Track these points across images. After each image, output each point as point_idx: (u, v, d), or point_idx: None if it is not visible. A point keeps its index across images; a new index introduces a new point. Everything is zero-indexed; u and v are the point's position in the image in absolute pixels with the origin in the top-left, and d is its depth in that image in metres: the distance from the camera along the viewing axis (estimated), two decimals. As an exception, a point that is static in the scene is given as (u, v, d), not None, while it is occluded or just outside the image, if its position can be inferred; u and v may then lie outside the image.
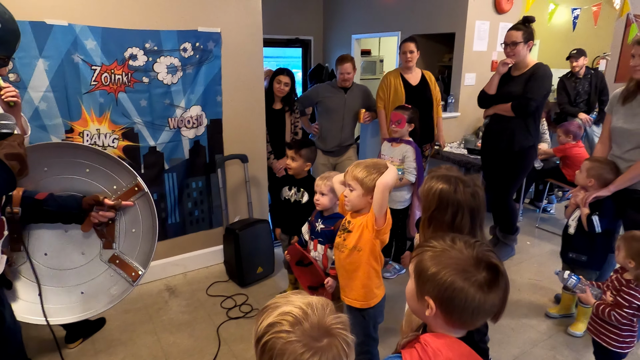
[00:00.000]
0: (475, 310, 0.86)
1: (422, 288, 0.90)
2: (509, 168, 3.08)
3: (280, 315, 0.76)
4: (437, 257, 0.89)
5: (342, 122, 3.53)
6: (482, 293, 0.85)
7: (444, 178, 1.38)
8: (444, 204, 1.34)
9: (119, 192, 1.95)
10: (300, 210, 2.63)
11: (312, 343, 0.73)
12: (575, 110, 4.42)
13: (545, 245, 3.64)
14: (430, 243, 0.94)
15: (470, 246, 0.90)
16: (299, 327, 0.74)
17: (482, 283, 0.85)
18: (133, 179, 1.97)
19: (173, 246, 3.05)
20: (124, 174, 1.97)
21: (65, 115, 2.45)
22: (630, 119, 2.15)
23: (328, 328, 0.75)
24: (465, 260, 0.87)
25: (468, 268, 0.86)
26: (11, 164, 1.41)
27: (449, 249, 0.90)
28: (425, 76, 3.49)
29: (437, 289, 0.87)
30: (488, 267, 0.87)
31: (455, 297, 0.85)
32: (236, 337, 2.42)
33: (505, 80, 2.98)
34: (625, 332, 1.87)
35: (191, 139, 2.90)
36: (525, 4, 4.51)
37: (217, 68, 2.87)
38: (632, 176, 2.14)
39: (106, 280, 2.02)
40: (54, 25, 2.30)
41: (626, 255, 1.85)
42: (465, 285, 0.85)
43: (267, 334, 0.75)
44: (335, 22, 6.13)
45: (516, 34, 2.83)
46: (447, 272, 0.86)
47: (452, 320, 0.88)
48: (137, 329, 2.49)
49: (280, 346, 0.73)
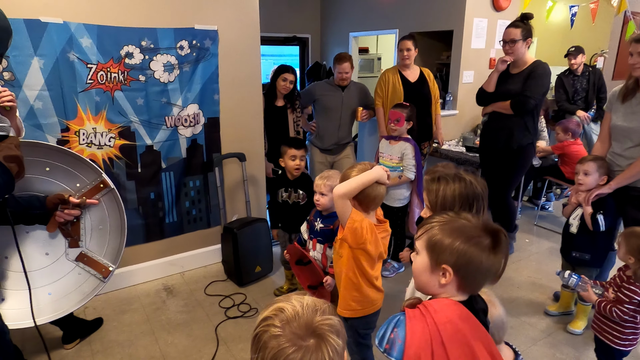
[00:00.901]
0: (486, 272, 0.97)
1: (437, 258, 0.98)
2: (507, 166, 3.07)
3: (274, 310, 0.78)
4: (448, 228, 0.99)
5: (339, 121, 3.51)
6: (490, 255, 0.96)
7: (450, 177, 1.35)
8: (466, 202, 1.32)
9: (83, 189, 1.91)
10: (300, 211, 2.62)
11: (297, 341, 0.73)
12: (573, 107, 4.41)
13: (543, 242, 3.64)
14: (434, 218, 1.04)
15: (475, 216, 1.04)
16: (287, 324, 0.75)
17: (489, 247, 0.96)
18: (98, 176, 1.94)
19: (170, 246, 3.03)
20: (88, 171, 1.93)
21: (61, 114, 2.43)
22: (630, 117, 2.15)
23: (315, 329, 0.75)
24: (473, 228, 0.99)
25: (478, 234, 0.97)
26: (10, 166, 1.40)
27: (456, 219, 1.02)
28: (423, 73, 3.48)
29: (454, 256, 0.96)
30: (492, 232, 0.98)
31: (472, 261, 0.95)
32: (234, 337, 2.40)
33: (504, 78, 2.97)
34: (628, 330, 1.86)
35: (188, 137, 2.88)
36: (523, 1, 4.51)
37: (214, 66, 2.85)
38: (634, 173, 2.14)
39: (75, 279, 1.98)
40: (49, 23, 2.28)
41: (626, 252, 1.86)
42: (478, 250, 0.96)
43: (259, 326, 0.78)
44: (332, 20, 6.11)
45: (515, 31, 2.82)
46: (462, 240, 0.96)
47: (465, 283, 0.99)
48: (134, 329, 2.47)
49: (265, 338, 0.75)
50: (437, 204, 1.34)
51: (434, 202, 1.35)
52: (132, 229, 2.82)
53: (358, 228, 1.54)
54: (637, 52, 2.06)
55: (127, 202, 2.76)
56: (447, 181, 1.34)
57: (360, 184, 1.53)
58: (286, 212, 2.71)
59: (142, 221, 2.85)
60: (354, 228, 1.54)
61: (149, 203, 2.84)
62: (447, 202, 1.32)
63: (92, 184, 1.93)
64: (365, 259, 1.64)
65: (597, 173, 2.26)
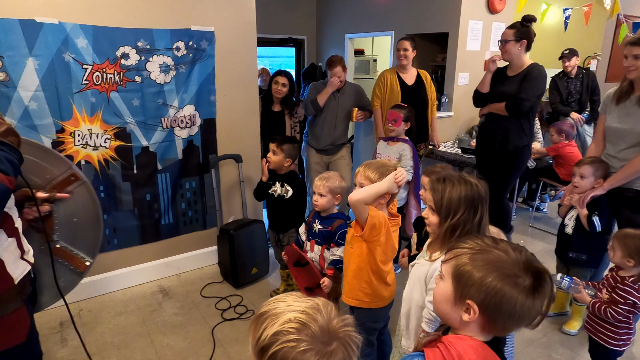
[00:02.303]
0: (521, 317, 0.83)
1: (463, 292, 0.86)
2: (503, 167, 3.09)
3: (285, 323, 0.73)
4: (482, 259, 0.85)
5: (335, 121, 3.52)
6: (528, 299, 0.82)
7: (455, 179, 1.34)
8: (471, 205, 1.31)
9: (53, 182, 1.81)
10: (284, 205, 2.62)
11: (323, 348, 0.72)
12: (567, 109, 4.45)
13: (538, 243, 3.66)
14: (466, 243, 0.90)
15: (517, 249, 0.87)
16: (307, 333, 0.72)
17: (529, 289, 0.82)
18: (67, 168, 1.84)
19: (166, 247, 3.01)
20: (57, 162, 1.83)
21: (56, 115, 2.41)
22: (624, 119, 2.17)
23: (336, 331, 0.74)
24: (512, 264, 0.84)
25: (516, 272, 0.83)
26: (10, 139, 1.33)
27: (492, 249, 0.87)
28: (421, 76, 3.50)
29: (483, 294, 0.83)
30: (535, 273, 0.83)
31: (504, 303, 0.82)
32: (231, 339, 2.40)
33: (500, 80, 2.99)
34: (622, 330, 1.88)
35: (184, 138, 2.87)
36: (517, 4, 4.54)
37: (210, 67, 2.85)
38: (627, 174, 2.16)
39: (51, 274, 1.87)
40: (44, 23, 2.26)
41: (623, 255, 1.86)
42: (515, 291, 0.81)
43: (275, 344, 0.72)
44: (328, 22, 6.12)
45: (508, 32, 2.84)
46: (495, 277, 0.82)
47: (492, 326, 0.85)
48: (129, 331, 2.46)
49: (293, 356, 0.71)
50: (442, 205, 1.33)
51: (439, 202, 1.34)
52: (128, 230, 2.81)
53: (376, 223, 1.62)
54: (631, 54, 2.09)
55: (123, 204, 2.75)
56: (452, 183, 1.33)
57: (373, 193, 1.62)
58: (273, 207, 2.71)
59: (137, 222, 2.83)
60: (373, 224, 1.62)
61: (145, 204, 2.83)
62: (452, 203, 1.31)
63: (63, 176, 1.83)
64: (378, 253, 1.69)
65: (593, 176, 2.27)
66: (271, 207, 2.73)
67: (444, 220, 1.33)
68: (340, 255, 2.08)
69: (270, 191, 2.67)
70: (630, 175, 2.15)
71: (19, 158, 1.35)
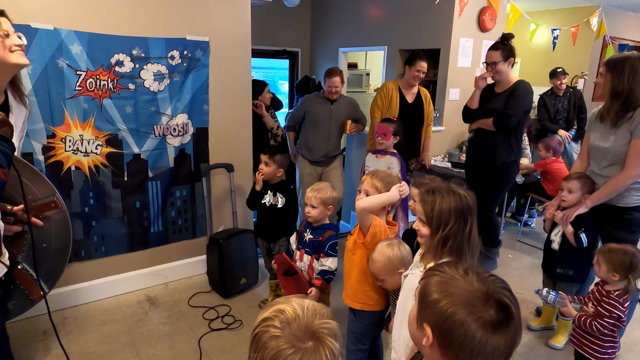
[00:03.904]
0: (475, 350, 0.76)
1: (422, 314, 0.84)
2: (491, 182, 3.13)
3: (274, 311, 0.79)
4: (444, 284, 0.82)
5: (328, 133, 3.55)
6: (484, 332, 0.75)
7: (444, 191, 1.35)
8: (461, 216, 1.32)
9: (33, 203, 1.73)
10: (275, 214, 2.63)
11: (296, 343, 0.74)
12: (555, 127, 4.54)
13: (526, 258, 3.69)
14: (441, 267, 0.87)
15: (483, 280, 0.82)
16: (287, 326, 0.76)
17: (487, 321, 0.76)
18: (51, 194, 1.79)
19: (154, 256, 2.99)
20: (42, 186, 1.78)
21: (48, 120, 2.40)
22: (606, 137, 2.22)
23: (314, 331, 0.76)
24: (473, 293, 0.79)
25: (474, 302, 0.78)
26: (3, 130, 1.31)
27: (460, 278, 0.82)
28: (421, 95, 3.53)
29: (436, 317, 0.80)
30: (498, 306, 0.77)
31: (454, 330, 0.77)
32: (218, 350, 2.37)
33: (489, 97, 3.05)
34: (607, 343, 1.90)
35: (176, 147, 2.87)
36: (507, 23, 4.65)
37: (204, 77, 2.87)
38: (609, 192, 2.20)
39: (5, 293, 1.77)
40: (39, 29, 2.27)
41: (609, 270, 1.89)
42: (468, 319, 0.76)
43: (259, 327, 0.78)
44: (322, 35, 6.20)
45: (495, 54, 2.90)
46: (450, 302, 0.79)
47: (447, 355, 0.80)
48: (114, 341, 2.42)
49: (265, 339, 0.75)
50: (433, 217, 1.34)
51: (430, 214, 1.35)
52: (116, 238, 2.79)
53: (377, 232, 1.75)
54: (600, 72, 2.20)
55: (112, 211, 2.73)
56: (442, 194, 1.34)
57: (380, 202, 1.76)
58: (264, 216, 2.71)
59: (126, 230, 2.81)
60: (375, 232, 1.74)
61: (134, 212, 2.81)
62: (443, 215, 1.32)
63: (44, 200, 1.78)
64: None
65: (580, 191, 2.31)
66: (262, 216, 2.73)
67: (436, 231, 1.34)
68: (329, 266, 2.08)
69: (262, 201, 2.68)
70: (612, 193, 2.19)
71: (12, 148, 1.34)
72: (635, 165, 2.09)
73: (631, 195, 2.17)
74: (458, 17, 4.12)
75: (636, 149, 2.08)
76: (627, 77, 2.08)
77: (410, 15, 4.58)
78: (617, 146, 2.15)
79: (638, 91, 2.08)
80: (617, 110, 2.13)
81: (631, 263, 1.85)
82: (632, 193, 2.17)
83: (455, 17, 4.10)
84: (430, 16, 4.34)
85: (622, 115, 2.12)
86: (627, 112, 2.11)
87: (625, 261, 1.85)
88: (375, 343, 2.02)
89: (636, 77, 2.07)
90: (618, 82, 2.10)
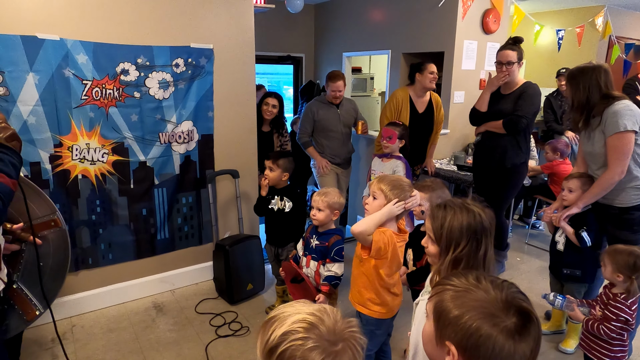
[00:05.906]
0: None
1: (442, 332, 0.80)
2: (500, 184, 3.11)
3: (293, 323, 0.75)
4: (460, 298, 0.79)
5: (341, 137, 3.55)
6: (512, 342, 0.73)
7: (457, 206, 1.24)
8: (473, 237, 1.20)
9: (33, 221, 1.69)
10: (283, 219, 2.63)
11: (330, 347, 0.73)
12: (562, 128, 4.50)
13: (534, 261, 3.66)
14: (451, 280, 0.83)
15: (498, 287, 0.79)
16: (315, 332, 0.74)
17: (512, 331, 0.74)
18: (51, 212, 1.77)
19: (161, 262, 3.00)
20: (42, 204, 1.76)
21: (55, 130, 2.43)
22: (588, 142, 2.27)
23: (342, 332, 0.75)
24: (492, 303, 0.76)
25: (496, 312, 0.75)
26: (13, 144, 1.34)
27: (474, 289, 0.80)
28: (432, 102, 3.47)
29: (460, 335, 0.76)
30: (519, 313, 0.76)
31: (482, 344, 0.74)
32: (225, 356, 2.36)
33: (496, 99, 3.04)
34: (616, 347, 1.88)
35: (182, 154, 2.88)
36: (511, 25, 4.63)
37: (209, 84, 2.88)
38: (597, 192, 2.22)
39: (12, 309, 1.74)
40: (46, 39, 2.30)
41: (613, 270, 1.88)
42: (494, 332, 0.74)
43: (284, 343, 0.73)
44: (326, 40, 6.22)
45: (512, 54, 2.89)
46: (472, 316, 0.75)
47: None
48: (122, 348, 2.42)
49: (300, 354, 0.72)
50: (442, 235, 1.22)
51: (439, 231, 1.23)
52: (123, 245, 2.80)
53: (382, 246, 1.68)
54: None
55: (119, 218, 2.74)
56: (454, 211, 1.22)
57: (373, 224, 1.68)
58: (272, 221, 2.71)
59: (133, 237, 2.82)
60: (378, 247, 1.68)
61: (141, 219, 2.82)
62: (453, 233, 1.20)
63: (44, 219, 1.77)
64: (384, 268, 1.75)
65: (580, 190, 2.31)
66: (270, 221, 2.73)
67: (445, 251, 1.22)
68: (335, 272, 2.08)
69: (269, 206, 2.68)
70: (600, 193, 2.21)
71: (20, 162, 1.38)
72: (616, 163, 2.11)
73: (630, 195, 2.18)
74: (462, 20, 4.11)
75: (612, 147, 2.11)
76: (584, 88, 2.16)
77: (414, 19, 4.58)
78: (598, 148, 2.20)
79: (596, 99, 2.14)
80: (584, 119, 2.21)
81: (635, 264, 1.83)
82: (631, 193, 2.17)
83: (459, 19, 4.10)
84: (433, 19, 4.34)
85: (589, 123, 2.19)
86: (594, 118, 2.17)
87: (630, 262, 1.84)
88: (382, 350, 2.00)
89: (592, 87, 2.14)
90: (576, 93, 2.19)
